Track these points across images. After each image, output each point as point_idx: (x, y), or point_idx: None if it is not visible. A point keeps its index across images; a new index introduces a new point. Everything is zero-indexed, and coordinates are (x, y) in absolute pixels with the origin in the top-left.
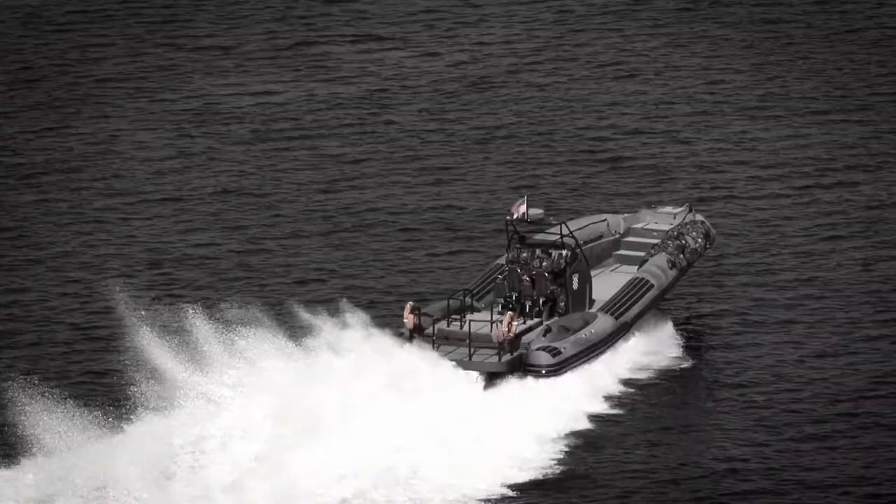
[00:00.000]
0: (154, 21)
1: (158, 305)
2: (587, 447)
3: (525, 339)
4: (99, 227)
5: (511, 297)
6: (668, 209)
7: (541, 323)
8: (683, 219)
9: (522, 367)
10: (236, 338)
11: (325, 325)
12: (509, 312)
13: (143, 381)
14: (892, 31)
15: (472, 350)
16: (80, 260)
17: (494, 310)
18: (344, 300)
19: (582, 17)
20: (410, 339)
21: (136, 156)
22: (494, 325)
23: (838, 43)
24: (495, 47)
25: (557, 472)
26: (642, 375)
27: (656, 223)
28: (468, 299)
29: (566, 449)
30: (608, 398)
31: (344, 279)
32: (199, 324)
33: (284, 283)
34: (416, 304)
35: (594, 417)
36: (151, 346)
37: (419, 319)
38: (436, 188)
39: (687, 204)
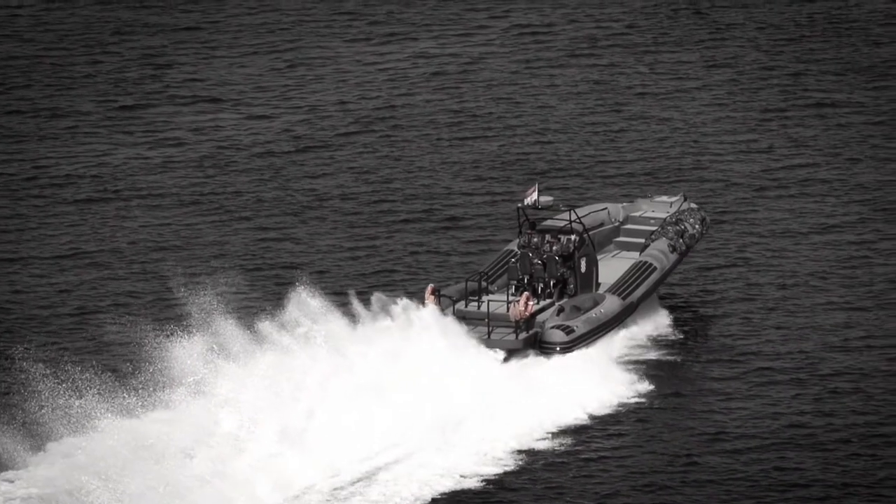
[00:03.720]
0: None
1: None
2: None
3: (539, 318)
4: None
5: (523, 279)
6: (665, 198)
7: (553, 303)
8: (679, 207)
9: (538, 344)
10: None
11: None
12: (525, 292)
13: None
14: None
15: (490, 328)
16: None
17: (508, 291)
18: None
19: (416, 80)
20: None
21: None
22: (511, 305)
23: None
24: (331, 108)
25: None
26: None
27: (653, 211)
28: (483, 282)
29: None
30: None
31: (194, 336)
32: (38, 391)
33: (120, 344)
34: (436, 286)
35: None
36: None
37: (439, 301)
38: (271, 249)
39: (682, 193)
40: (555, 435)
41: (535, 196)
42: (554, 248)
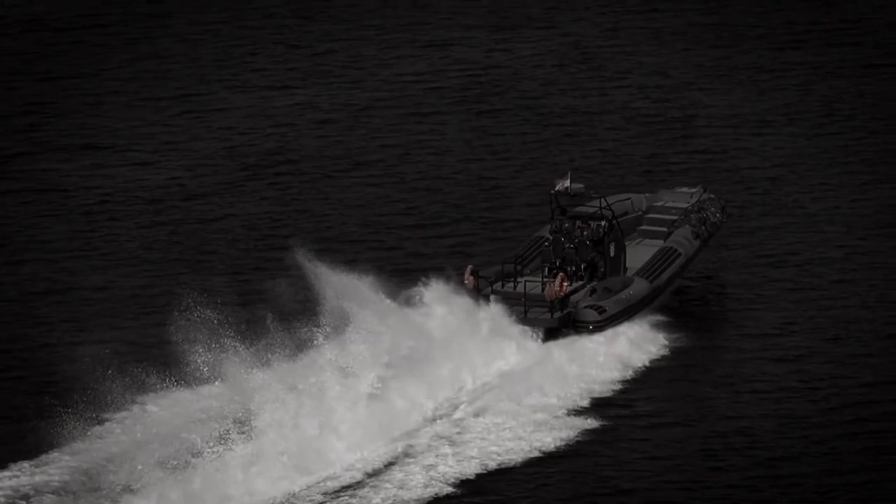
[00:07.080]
0: None
1: None
2: None
3: (572, 299)
4: None
5: (556, 262)
6: (685, 189)
7: (584, 285)
8: (700, 197)
9: (572, 323)
10: None
11: None
12: (561, 273)
13: None
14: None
15: (527, 308)
16: None
17: (542, 274)
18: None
19: (304, 127)
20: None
21: None
22: (547, 285)
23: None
24: (218, 156)
25: None
26: None
27: (674, 201)
28: (518, 266)
29: None
30: None
31: (78, 384)
32: None
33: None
34: (475, 267)
35: None
36: None
37: (478, 281)
38: (159, 297)
39: (700, 185)
40: (459, 482)
41: (566, 183)
42: (584, 232)
